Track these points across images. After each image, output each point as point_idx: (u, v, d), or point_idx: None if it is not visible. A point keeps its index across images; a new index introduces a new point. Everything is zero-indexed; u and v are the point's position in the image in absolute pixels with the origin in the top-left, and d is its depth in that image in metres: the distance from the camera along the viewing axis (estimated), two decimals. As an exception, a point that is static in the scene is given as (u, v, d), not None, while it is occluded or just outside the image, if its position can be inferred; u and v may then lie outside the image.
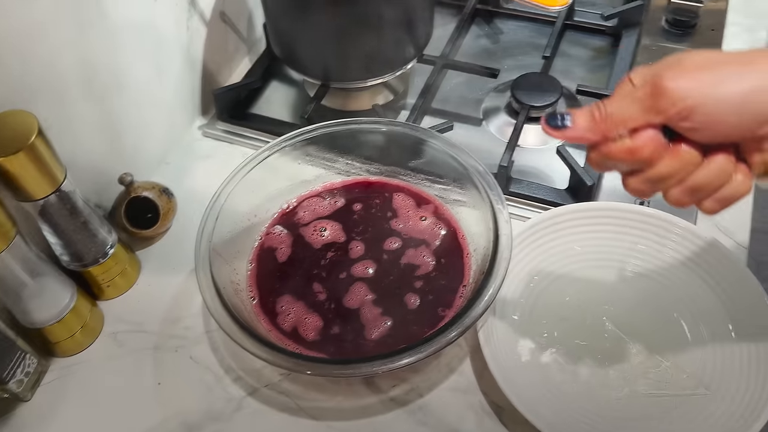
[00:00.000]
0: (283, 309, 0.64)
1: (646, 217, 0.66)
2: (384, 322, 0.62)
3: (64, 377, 0.63)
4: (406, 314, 0.62)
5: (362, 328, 0.61)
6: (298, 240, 0.69)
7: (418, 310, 0.62)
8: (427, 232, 0.68)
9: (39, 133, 0.53)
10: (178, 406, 0.60)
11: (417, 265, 0.65)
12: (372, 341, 0.60)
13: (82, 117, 0.66)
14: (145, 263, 0.71)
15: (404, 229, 0.68)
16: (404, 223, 0.69)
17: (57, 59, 0.61)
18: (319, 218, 0.70)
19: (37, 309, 0.60)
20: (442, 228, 0.68)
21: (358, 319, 0.62)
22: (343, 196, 0.72)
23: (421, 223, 0.68)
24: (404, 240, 0.67)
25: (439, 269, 0.65)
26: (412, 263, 0.66)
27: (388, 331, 0.61)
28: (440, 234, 0.68)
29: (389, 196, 0.71)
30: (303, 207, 0.71)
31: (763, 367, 0.56)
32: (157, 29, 0.74)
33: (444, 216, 0.69)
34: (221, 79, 0.90)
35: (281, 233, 0.69)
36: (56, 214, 0.60)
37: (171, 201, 0.71)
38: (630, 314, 0.63)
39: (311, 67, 0.81)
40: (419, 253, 0.66)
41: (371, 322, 0.62)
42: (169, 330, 0.66)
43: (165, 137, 0.81)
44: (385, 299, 0.63)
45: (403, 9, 0.75)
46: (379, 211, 0.70)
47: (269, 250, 0.68)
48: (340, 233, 0.69)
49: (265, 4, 0.79)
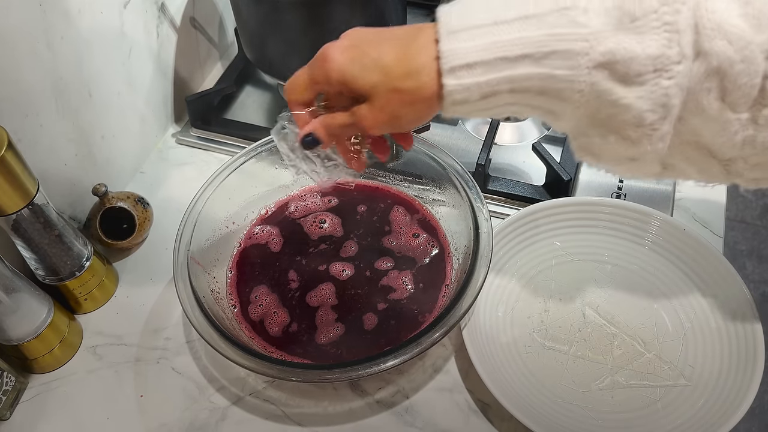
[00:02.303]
0: (256, 299, 0.64)
1: (624, 210, 0.67)
2: (335, 329, 0.62)
3: (43, 394, 0.62)
4: (361, 331, 0.62)
5: (314, 330, 0.62)
6: (292, 231, 0.69)
7: (374, 330, 0.61)
8: (407, 235, 0.68)
9: (9, 146, 0.52)
10: (162, 419, 0.60)
11: (393, 287, 0.64)
12: (320, 345, 0.61)
13: (54, 128, 0.65)
14: (122, 275, 0.70)
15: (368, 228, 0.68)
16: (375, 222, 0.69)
17: (26, 71, 0.60)
18: (310, 213, 0.71)
19: (13, 326, 0.59)
20: (424, 233, 0.68)
21: (313, 319, 0.62)
22: (324, 199, 0.72)
23: (404, 226, 0.68)
24: (375, 248, 0.67)
25: (413, 297, 0.63)
26: (389, 285, 0.64)
27: (337, 338, 0.61)
28: (425, 240, 0.68)
29: (367, 198, 0.71)
30: (293, 204, 0.72)
31: (743, 357, 0.57)
32: (126, 37, 0.73)
33: (425, 216, 0.69)
34: (194, 85, 0.89)
35: (268, 230, 0.69)
36: (30, 228, 0.58)
37: (147, 210, 0.70)
38: (611, 307, 0.64)
39: (285, 70, 0.80)
40: (400, 277, 0.65)
41: (324, 326, 0.62)
42: (149, 341, 0.65)
43: (139, 146, 0.80)
44: (344, 308, 0.63)
45: (375, 9, 0.75)
46: (363, 215, 0.70)
47: (256, 246, 0.68)
48: (338, 228, 0.69)
49: (236, 8, 0.78)
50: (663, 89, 0.38)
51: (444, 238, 0.67)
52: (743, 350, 0.57)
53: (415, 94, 0.42)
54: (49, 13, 0.61)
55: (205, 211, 0.65)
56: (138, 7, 0.74)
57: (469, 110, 0.43)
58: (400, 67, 0.42)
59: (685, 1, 0.37)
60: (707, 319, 0.61)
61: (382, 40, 0.44)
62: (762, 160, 0.40)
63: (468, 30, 0.40)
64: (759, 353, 0.56)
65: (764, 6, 0.36)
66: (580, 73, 0.39)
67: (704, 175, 0.43)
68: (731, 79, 0.37)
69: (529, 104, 0.42)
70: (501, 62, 0.40)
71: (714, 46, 0.37)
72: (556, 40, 0.38)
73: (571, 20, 0.38)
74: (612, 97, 0.39)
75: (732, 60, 0.37)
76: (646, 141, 0.40)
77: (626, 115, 0.39)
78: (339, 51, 0.44)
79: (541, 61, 0.39)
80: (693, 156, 0.42)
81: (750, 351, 0.57)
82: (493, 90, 0.41)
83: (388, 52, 0.43)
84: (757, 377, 0.55)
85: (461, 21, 0.40)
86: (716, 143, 0.40)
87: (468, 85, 0.41)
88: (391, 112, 0.44)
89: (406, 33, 0.43)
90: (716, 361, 0.58)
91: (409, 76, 0.42)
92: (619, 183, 0.71)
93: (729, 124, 0.39)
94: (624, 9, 0.38)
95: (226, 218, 0.68)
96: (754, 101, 0.38)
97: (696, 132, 0.40)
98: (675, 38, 0.37)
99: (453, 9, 0.41)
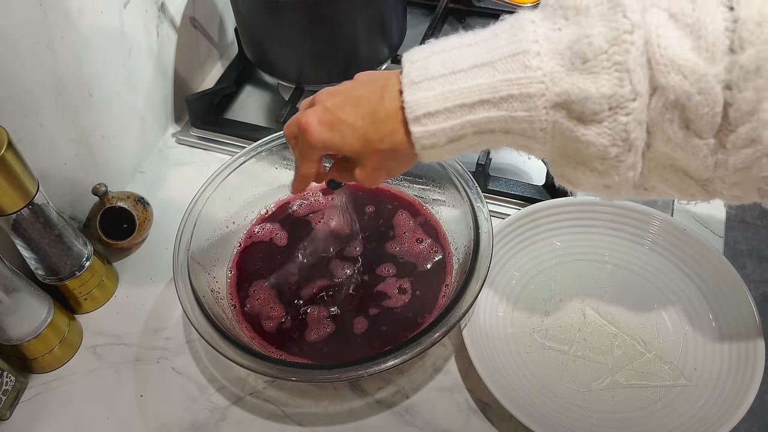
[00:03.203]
0: (255, 292, 0.64)
1: (624, 211, 0.67)
2: (335, 329, 0.62)
3: (43, 393, 0.62)
4: (361, 331, 0.61)
5: (315, 330, 0.62)
6: (294, 228, 0.69)
7: (374, 330, 0.61)
8: (408, 236, 0.68)
9: (9, 146, 0.52)
10: (162, 419, 0.60)
11: (393, 287, 0.64)
12: (321, 345, 0.61)
13: (54, 128, 0.65)
14: (122, 274, 0.70)
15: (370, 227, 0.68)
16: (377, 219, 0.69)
17: (26, 71, 0.60)
18: (313, 212, 0.71)
19: (13, 325, 0.59)
20: (425, 232, 0.68)
21: (314, 319, 0.62)
22: (327, 198, 0.72)
23: (406, 228, 0.68)
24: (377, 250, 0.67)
25: (413, 297, 0.63)
26: (390, 285, 0.64)
27: (338, 338, 0.61)
28: (424, 240, 0.68)
29: (369, 198, 0.71)
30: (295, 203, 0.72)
31: (743, 357, 0.57)
32: (126, 37, 0.73)
33: (426, 218, 0.69)
34: (194, 85, 0.89)
35: (269, 227, 0.70)
36: (30, 227, 0.58)
37: (147, 210, 0.70)
38: (611, 307, 0.64)
39: (285, 70, 0.80)
40: (393, 284, 0.64)
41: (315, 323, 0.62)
42: (149, 341, 0.65)
43: (139, 146, 0.80)
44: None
45: (376, 9, 0.75)
46: (371, 216, 0.70)
47: (257, 244, 0.68)
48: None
49: (236, 8, 0.78)
50: (621, 125, 0.39)
51: (444, 238, 0.67)
52: (743, 350, 0.57)
53: (396, 150, 0.45)
54: (50, 13, 0.61)
55: (205, 211, 0.65)
56: (138, 6, 0.74)
57: (441, 153, 0.45)
58: (376, 132, 0.45)
59: (633, 41, 0.37)
60: (707, 319, 0.61)
61: (353, 103, 0.46)
62: (738, 179, 0.40)
63: (428, 80, 0.42)
64: (759, 353, 0.56)
65: (716, 39, 0.37)
66: (539, 114, 0.40)
67: (684, 195, 0.44)
68: (692, 110, 0.38)
69: (498, 141, 0.44)
70: (460, 109, 0.42)
71: (669, 80, 0.37)
72: (511, 84, 0.40)
73: (523, 65, 0.40)
74: (574, 134, 0.40)
75: (689, 93, 0.37)
76: (614, 172, 0.41)
77: (590, 149, 0.40)
78: (316, 121, 0.47)
79: (499, 104, 0.41)
80: (670, 178, 0.42)
81: (750, 351, 0.57)
82: (458, 134, 0.43)
83: (362, 117, 0.45)
84: (757, 377, 0.55)
85: (421, 72, 0.42)
86: (690, 166, 0.41)
87: (434, 131, 0.43)
88: (379, 169, 0.48)
89: (373, 90, 0.45)
90: (716, 361, 0.58)
91: (384, 138, 0.45)
92: (619, 183, 0.71)
93: (698, 149, 0.39)
94: (575, 50, 0.39)
95: (226, 218, 0.68)
96: (719, 127, 0.38)
97: (668, 156, 0.41)
98: (626, 77, 0.38)
99: (414, 59, 0.43)
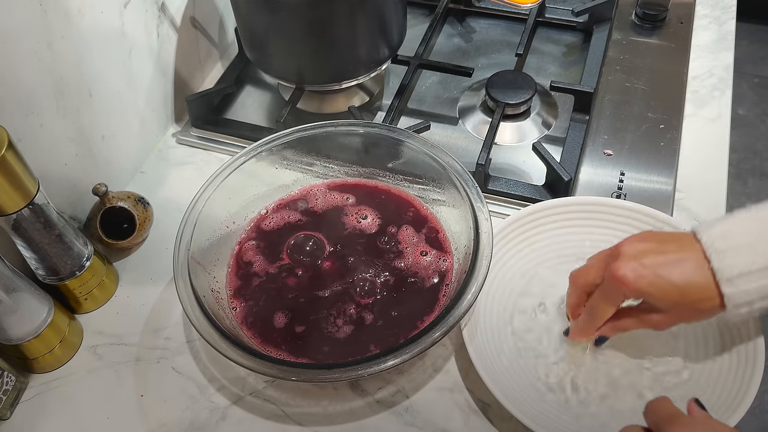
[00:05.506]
0: (255, 293, 0.64)
1: (624, 210, 0.66)
2: (336, 329, 0.62)
3: (43, 393, 0.62)
4: (362, 332, 0.61)
5: (315, 330, 0.62)
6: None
7: (375, 330, 0.61)
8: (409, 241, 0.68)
9: (9, 146, 0.52)
10: (162, 418, 0.60)
11: (388, 294, 0.64)
12: (320, 345, 0.61)
13: (54, 128, 0.65)
14: (122, 274, 0.70)
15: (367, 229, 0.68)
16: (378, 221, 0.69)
17: (26, 71, 0.60)
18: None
19: (13, 325, 0.59)
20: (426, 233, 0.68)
21: (314, 319, 0.62)
22: (317, 202, 0.72)
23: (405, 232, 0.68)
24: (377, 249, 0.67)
25: (413, 297, 0.63)
26: (383, 291, 0.64)
27: (338, 338, 0.61)
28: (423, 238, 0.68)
29: (369, 198, 0.71)
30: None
31: (743, 357, 0.57)
32: (126, 37, 0.73)
33: (425, 218, 0.69)
34: (194, 85, 0.89)
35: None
36: (30, 227, 0.58)
37: (147, 210, 0.70)
38: (611, 307, 0.63)
39: (285, 70, 0.80)
40: (393, 284, 0.64)
41: None
42: (149, 341, 0.65)
43: (139, 146, 0.80)
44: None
45: (376, 9, 0.75)
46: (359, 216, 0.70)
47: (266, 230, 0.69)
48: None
49: (236, 8, 0.78)
50: None
51: (444, 238, 0.67)
52: (743, 350, 0.57)
53: (710, 311, 0.50)
54: (50, 13, 0.61)
55: (205, 211, 0.65)
56: (138, 6, 0.74)
57: (751, 310, 0.49)
58: (694, 293, 0.49)
59: None
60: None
61: (666, 261, 0.50)
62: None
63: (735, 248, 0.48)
64: (759, 353, 0.56)
65: None
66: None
67: None
68: None
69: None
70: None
71: None
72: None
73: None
74: None
75: None
76: None
77: None
78: (633, 275, 0.49)
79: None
80: None
81: (750, 351, 0.57)
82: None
83: (678, 275, 0.49)
84: (757, 377, 0.55)
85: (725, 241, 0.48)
86: None
87: (747, 290, 0.47)
88: (682, 319, 0.53)
89: (679, 247, 0.50)
90: (716, 361, 0.58)
91: (703, 299, 0.49)
92: (619, 183, 0.71)
93: None
94: None
95: (226, 218, 0.68)
96: None
97: None
98: None
99: (714, 232, 0.49)
